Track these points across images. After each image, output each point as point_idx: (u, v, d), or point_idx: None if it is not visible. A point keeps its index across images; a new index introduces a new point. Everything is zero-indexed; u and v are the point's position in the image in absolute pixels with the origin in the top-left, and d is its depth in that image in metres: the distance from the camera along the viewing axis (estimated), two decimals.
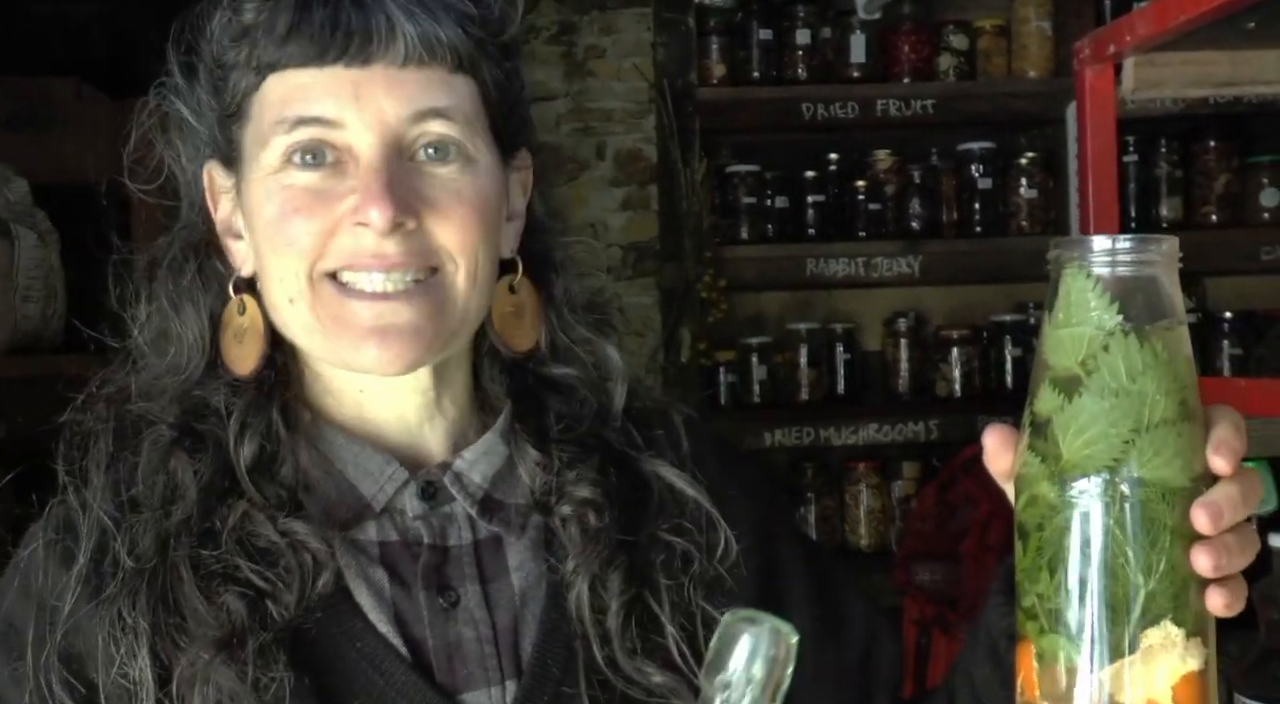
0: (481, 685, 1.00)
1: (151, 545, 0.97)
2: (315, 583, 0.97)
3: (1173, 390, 0.76)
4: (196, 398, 1.02)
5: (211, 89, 1.01)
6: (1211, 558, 0.75)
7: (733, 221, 3.70)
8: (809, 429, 3.66)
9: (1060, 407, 0.77)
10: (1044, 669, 0.77)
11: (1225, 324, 3.58)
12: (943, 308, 3.88)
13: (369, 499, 1.02)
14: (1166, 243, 0.78)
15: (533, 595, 1.02)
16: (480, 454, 1.04)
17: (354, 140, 0.96)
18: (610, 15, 3.70)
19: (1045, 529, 0.77)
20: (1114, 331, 0.76)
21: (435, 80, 0.97)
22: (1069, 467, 0.76)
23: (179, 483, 0.99)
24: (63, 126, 2.51)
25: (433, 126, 0.97)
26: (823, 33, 3.68)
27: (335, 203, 0.96)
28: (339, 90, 0.96)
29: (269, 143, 0.97)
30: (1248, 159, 3.70)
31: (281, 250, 0.98)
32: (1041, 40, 3.67)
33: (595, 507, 1.03)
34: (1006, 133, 3.82)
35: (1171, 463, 0.75)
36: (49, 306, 2.35)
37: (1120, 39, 1.74)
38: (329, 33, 0.95)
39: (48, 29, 3.23)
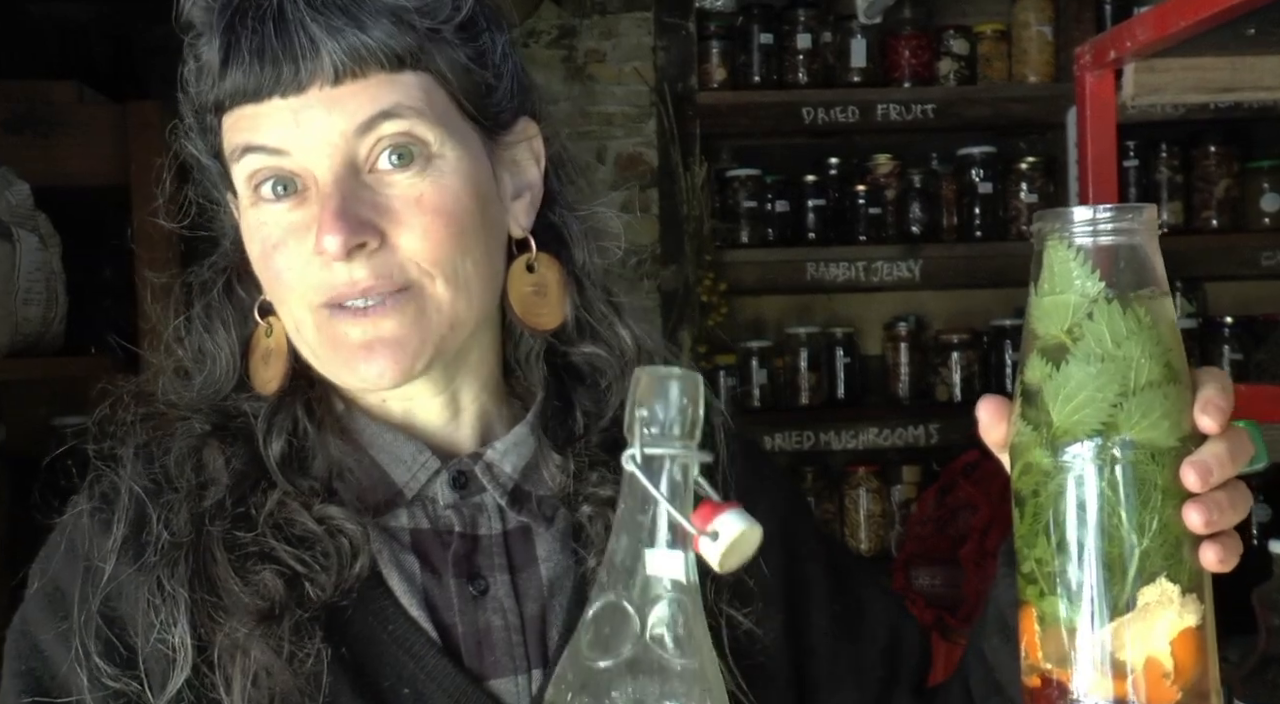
0: (509, 673, 1.01)
1: (186, 524, 0.98)
2: (352, 566, 0.98)
3: (1156, 354, 0.78)
4: (228, 406, 1.04)
5: (200, 129, 1.02)
6: (1203, 514, 0.77)
7: (733, 225, 3.70)
8: (809, 433, 3.67)
9: (1049, 374, 0.79)
10: (1045, 631, 0.79)
11: (1225, 329, 3.58)
12: (943, 312, 3.88)
13: (401, 486, 1.03)
14: (1146, 211, 0.79)
15: (560, 586, 1.04)
16: (511, 445, 1.05)
17: (308, 165, 0.95)
18: (611, 19, 3.70)
19: (1040, 495, 0.79)
20: (1097, 299, 0.78)
21: (375, 85, 0.95)
22: (1060, 432, 0.78)
23: (212, 470, 1.01)
24: (64, 129, 2.51)
25: (384, 129, 0.95)
26: (823, 37, 3.68)
27: (305, 235, 0.96)
28: (280, 120, 0.95)
29: (234, 176, 0.99)
30: (1248, 164, 3.70)
31: (273, 285, 0.99)
32: (1042, 45, 3.67)
33: (615, 503, 1.04)
34: (1007, 137, 3.82)
35: (1159, 424, 0.77)
36: (50, 310, 2.35)
37: (1121, 45, 1.74)
38: (258, 67, 0.94)
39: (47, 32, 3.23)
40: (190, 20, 0.98)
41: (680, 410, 0.75)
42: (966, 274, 3.71)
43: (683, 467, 0.75)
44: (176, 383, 1.06)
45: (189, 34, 0.98)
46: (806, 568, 1.12)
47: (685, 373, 0.75)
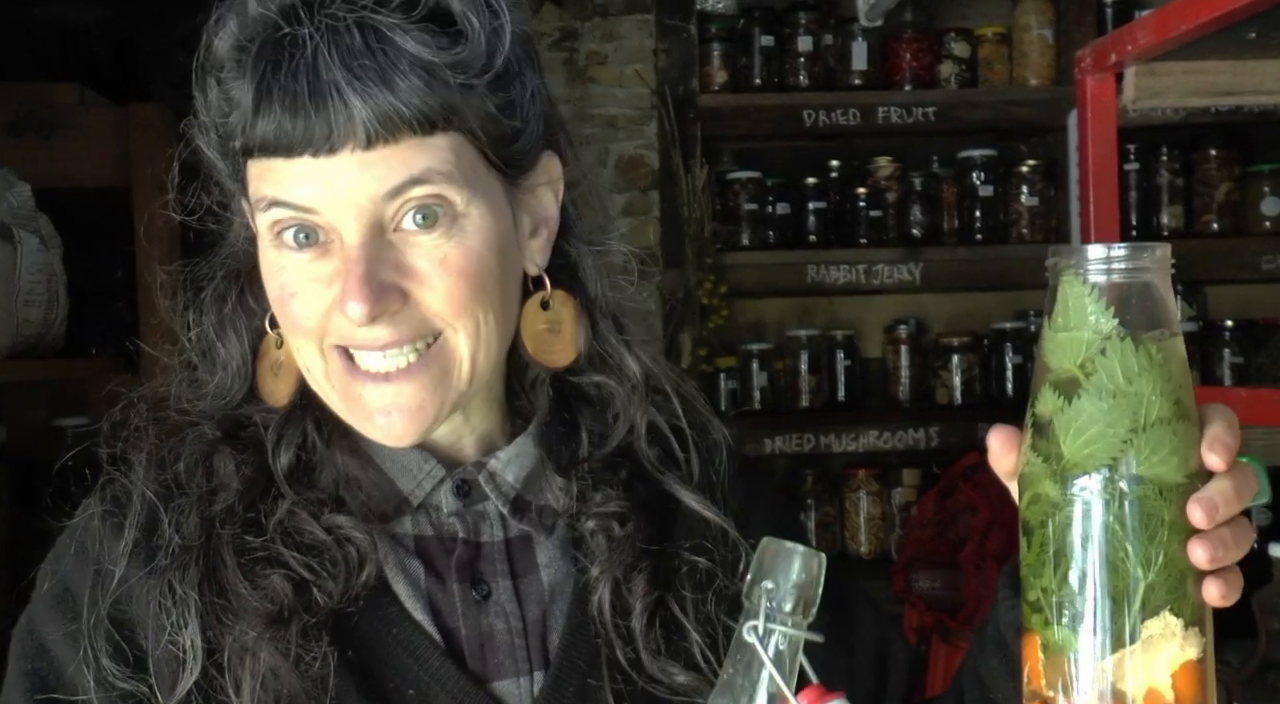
0: (511, 675, 1.03)
1: (196, 528, 0.99)
2: (359, 574, 0.99)
3: (1167, 391, 0.79)
4: (237, 415, 1.05)
5: (220, 151, 1.00)
6: (1208, 551, 0.78)
7: (734, 228, 3.70)
8: (809, 436, 3.67)
9: (1060, 408, 0.80)
10: (1049, 660, 0.81)
11: (1226, 333, 3.58)
12: (943, 315, 3.89)
13: (407, 494, 1.04)
14: (1160, 250, 0.80)
15: (560, 592, 1.05)
16: (513, 455, 1.06)
17: (335, 224, 0.94)
18: (612, 22, 3.70)
19: (1048, 526, 0.80)
20: (1110, 336, 0.79)
21: (406, 149, 0.93)
22: (1070, 465, 0.79)
23: (223, 476, 1.02)
24: (66, 131, 2.51)
25: (413, 193, 0.94)
26: (824, 40, 3.69)
27: (327, 287, 0.96)
28: (310, 179, 0.93)
29: (257, 217, 0.98)
30: (1249, 168, 3.70)
31: (289, 327, 0.99)
32: (1043, 48, 3.68)
33: (619, 518, 1.05)
34: (1007, 140, 3.83)
35: (1168, 460, 0.78)
36: (51, 311, 2.35)
37: (1122, 48, 1.75)
38: (289, 125, 0.92)
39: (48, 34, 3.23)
40: (217, 56, 0.96)
41: (800, 587, 0.77)
42: (967, 277, 3.71)
43: (793, 642, 0.78)
44: (186, 389, 1.06)
45: (215, 69, 0.96)
46: None
47: (811, 551, 0.78)
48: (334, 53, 0.91)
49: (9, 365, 2.30)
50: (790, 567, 0.77)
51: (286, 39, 0.92)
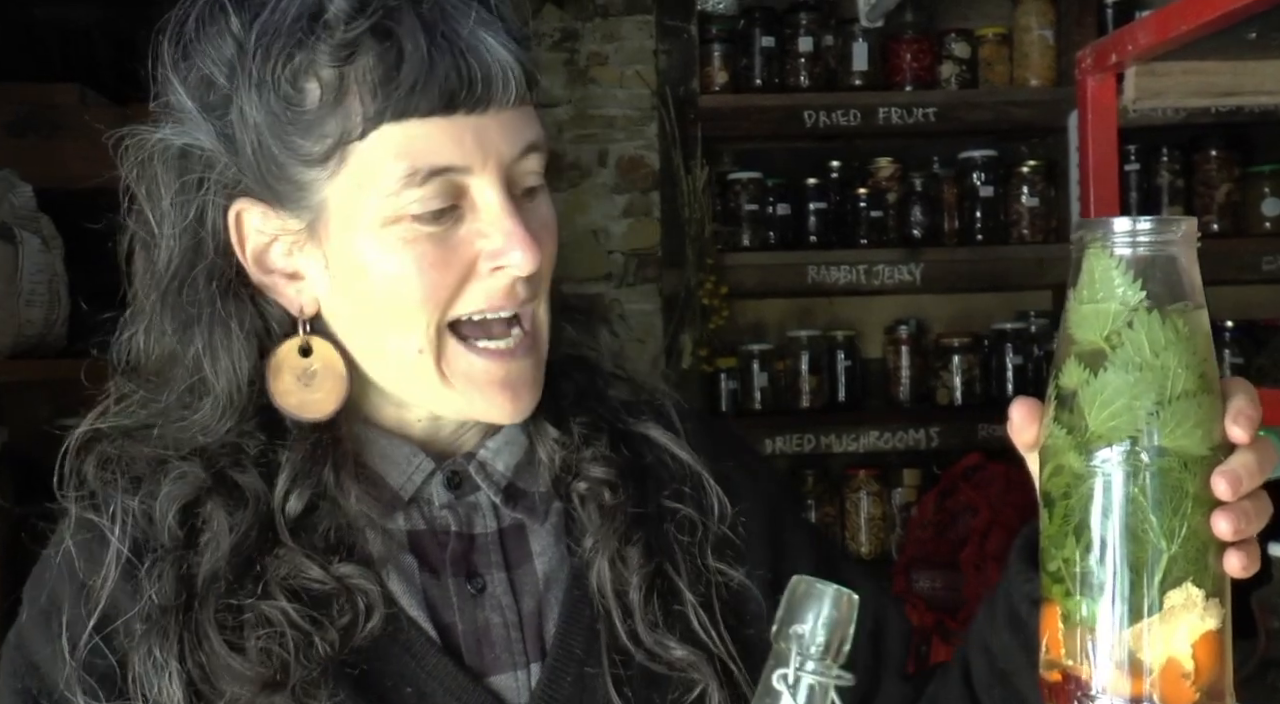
0: (508, 668, 1.03)
1: (173, 592, 0.96)
2: (366, 622, 0.98)
3: (1193, 364, 0.79)
4: (228, 444, 0.99)
5: (274, 131, 0.95)
6: (1232, 522, 0.79)
7: (734, 229, 3.70)
8: (810, 436, 3.67)
9: (1086, 380, 0.80)
10: (1069, 630, 0.81)
11: (1226, 333, 3.58)
12: (944, 315, 3.89)
13: (397, 489, 1.04)
14: (1186, 224, 0.81)
15: (555, 579, 1.05)
16: (503, 444, 1.07)
17: (474, 185, 0.96)
18: (612, 22, 3.71)
19: (1071, 497, 0.81)
20: (1138, 308, 0.79)
21: (528, 113, 0.98)
22: (1095, 437, 0.80)
23: (211, 532, 0.97)
24: (67, 132, 2.51)
25: (531, 162, 0.98)
26: (825, 40, 3.69)
27: (464, 250, 0.96)
28: (463, 138, 0.94)
29: (397, 194, 0.94)
30: (1249, 168, 3.70)
31: (412, 304, 0.96)
32: (1043, 49, 3.68)
33: (610, 485, 1.06)
34: (1008, 141, 3.83)
35: (1192, 433, 0.79)
36: (52, 311, 2.35)
37: (1122, 49, 1.75)
38: (455, 83, 0.93)
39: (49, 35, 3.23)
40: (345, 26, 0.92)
41: (830, 629, 0.76)
42: (967, 278, 3.71)
43: (823, 687, 0.76)
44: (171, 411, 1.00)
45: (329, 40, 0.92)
46: (791, 550, 1.14)
47: (841, 591, 0.77)
48: (468, 13, 0.94)
49: (10, 365, 2.30)
50: (820, 609, 0.75)
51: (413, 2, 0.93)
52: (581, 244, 3.71)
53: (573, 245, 3.73)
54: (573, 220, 3.71)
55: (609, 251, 3.72)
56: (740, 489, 1.12)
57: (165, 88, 1.01)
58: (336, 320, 1.01)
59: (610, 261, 3.72)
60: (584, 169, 3.71)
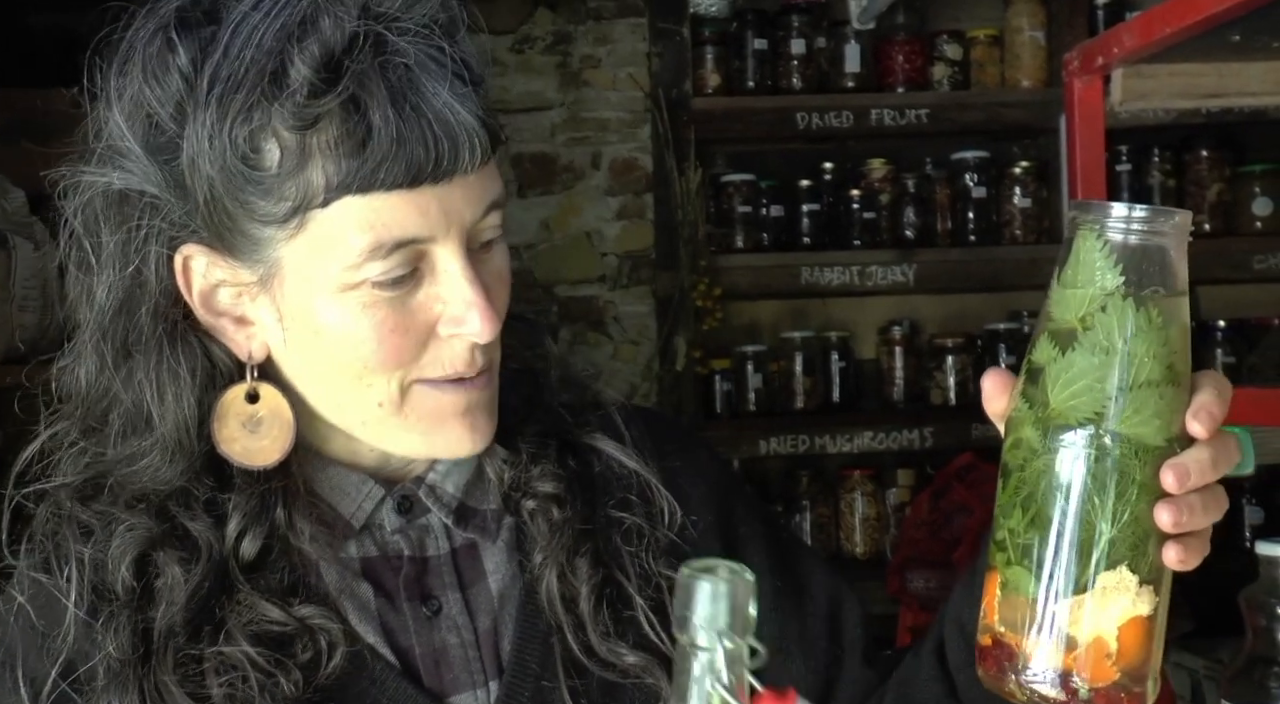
0: (467, 688, 1.03)
1: (130, 646, 0.95)
2: (329, 662, 0.97)
3: (1161, 355, 0.80)
4: (176, 490, 0.97)
5: (228, 185, 0.91)
6: (1173, 515, 0.80)
7: (727, 230, 3.71)
8: (804, 437, 3.67)
9: (1054, 358, 0.82)
10: (1005, 597, 0.83)
11: (1218, 333, 3.59)
12: (937, 316, 3.89)
13: (348, 517, 1.03)
14: (1179, 216, 0.82)
15: (509, 596, 1.06)
16: (451, 465, 1.06)
17: (437, 250, 0.94)
18: (605, 25, 3.71)
19: (1025, 469, 0.83)
20: (1113, 293, 0.81)
21: (490, 171, 0.96)
22: (1054, 415, 0.81)
23: (166, 583, 0.96)
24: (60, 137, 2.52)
25: (492, 219, 0.96)
26: (817, 42, 3.69)
27: (423, 314, 0.95)
28: (428, 209, 0.92)
29: (359, 266, 0.91)
30: (1240, 168, 3.71)
31: (371, 367, 0.95)
32: (1035, 50, 3.69)
33: (558, 500, 1.06)
34: (1000, 142, 3.83)
35: (1149, 422, 0.80)
36: (45, 317, 2.36)
37: (1108, 51, 1.76)
38: (423, 157, 0.90)
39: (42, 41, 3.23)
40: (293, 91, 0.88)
41: (732, 610, 0.75)
42: (960, 278, 3.72)
43: (737, 664, 0.75)
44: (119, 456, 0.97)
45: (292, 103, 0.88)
46: (744, 545, 1.14)
47: (734, 571, 0.75)
48: (429, 75, 0.90)
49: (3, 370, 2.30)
50: (718, 592, 0.73)
51: (381, 65, 0.89)
52: (575, 246, 3.72)
53: (566, 248, 3.74)
54: (566, 223, 3.71)
55: (602, 254, 3.73)
56: (688, 488, 1.12)
57: (105, 121, 0.96)
58: (288, 368, 0.99)
59: (604, 264, 3.73)
60: (577, 172, 3.71)
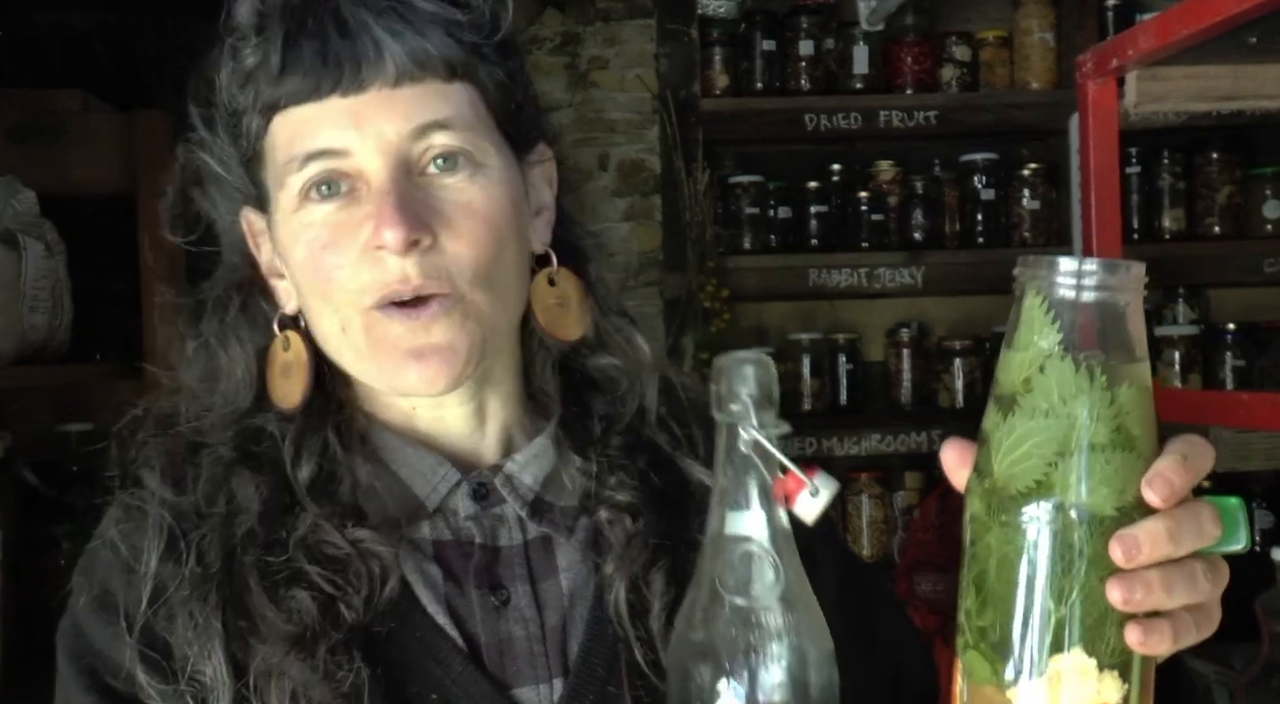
0: (531, 682, 1.02)
1: (216, 554, 0.99)
2: (383, 587, 0.99)
3: (1106, 417, 0.74)
4: (251, 426, 1.04)
5: (230, 136, 1.03)
6: (1123, 592, 0.73)
7: (735, 232, 3.70)
8: (811, 439, 3.67)
9: (998, 424, 0.77)
10: (965, 683, 0.78)
11: (1228, 336, 3.58)
12: (945, 318, 3.89)
13: (422, 499, 1.05)
14: (1133, 269, 0.76)
15: (580, 596, 1.05)
16: (531, 457, 1.07)
17: (363, 165, 0.97)
18: (613, 26, 3.71)
19: (976, 545, 0.77)
20: (1051, 353, 0.76)
21: (431, 93, 0.98)
22: (999, 484, 0.76)
23: (242, 498, 1.01)
24: (69, 138, 2.52)
25: (436, 139, 0.98)
26: (826, 44, 3.69)
27: (356, 231, 0.98)
28: (339, 120, 0.97)
29: (284, 183, 0.99)
30: (1251, 171, 3.70)
31: (321, 286, 1.00)
32: (1044, 51, 3.68)
33: (633, 510, 1.05)
34: (1009, 144, 3.83)
35: (1097, 490, 0.74)
36: (55, 317, 2.35)
37: (1123, 53, 1.75)
38: (320, 66, 0.96)
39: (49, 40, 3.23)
40: (239, 22, 0.99)
41: (762, 388, 0.81)
42: (969, 280, 3.71)
43: (769, 438, 0.81)
44: (193, 402, 1.06)
45: (233, 36, 1.00)
46: (822, 577, 1.12)
47: (760, 356, 0.81)
48: (359, 6, 0.97)
49: (14, 371, 2.30)
50: (749, 373, 0.80)
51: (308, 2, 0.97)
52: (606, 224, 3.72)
53: None
54: None
55: (610, 254, 3.72)
56: None
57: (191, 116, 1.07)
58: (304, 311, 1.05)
59: (612, 263, 3.72)
60: (585, 172, 3.71)
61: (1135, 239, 3.64)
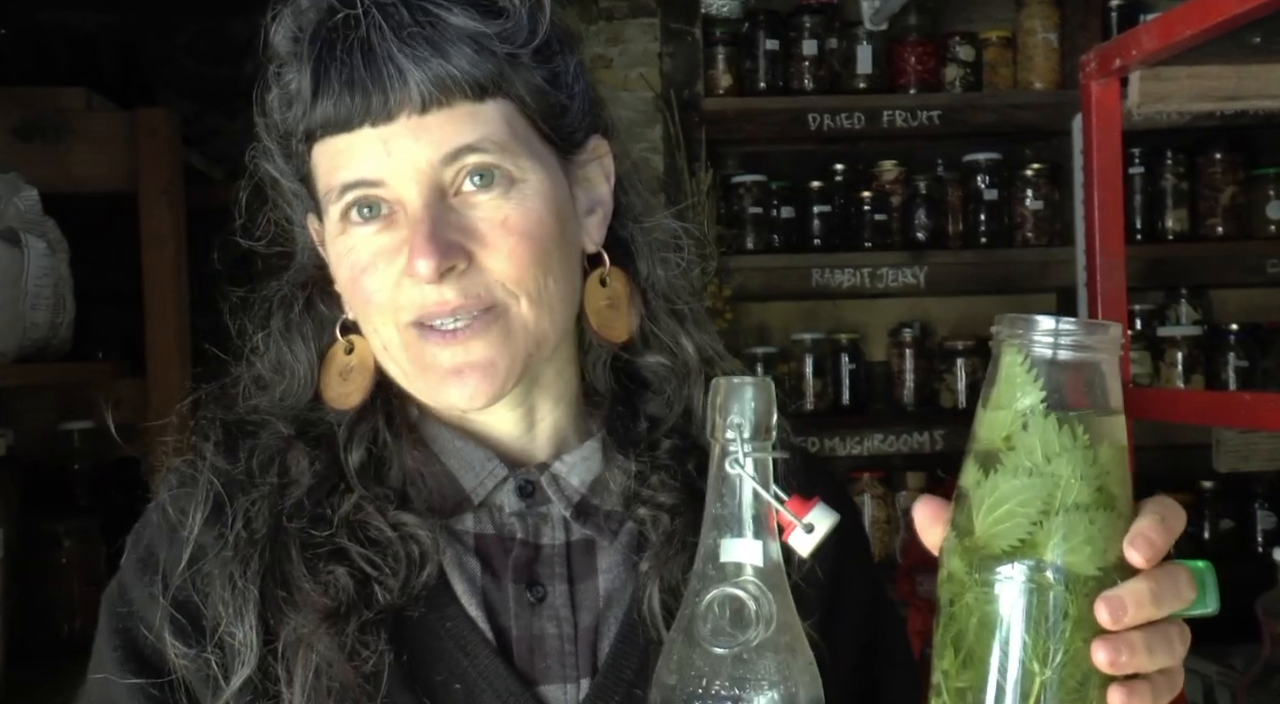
0: (558, 680, 1.03)
1: (264, 522, 1.02)
2: (420, 572, 1.01)
3: (1089, 476, 0.75)
4: (308, 416, 1.08)
5: (283, 154, 1.05)
6: (1109, 654, 0.73)
7: (738, 231, 3.70)
8: (814, 439, 3.67)
9: (978, 482, 0.76)
10: None
11: (1231, 337, 3.58)
12: (948, 318, 3.89)
13: (469, 491, 1.06)
14: (1112, 330, 0.76)
15: (617, 599, 1.05)
16: (579, 459, 1.07)
17: (399, 193, 0.98)
18: (617, 25, 3.71)
19: (954, 605, 0.77)
20: (1033, 411, 0.75)
21: (460, 116, 0.98)
22: (979, 544, 0.76)
23: (295, 472, 1.04)
24: (72, 136, 2.52)
25: (468, 161, 0.98)
26: (829, 43, 3.69)
27: (395, 257, 0.99)
28: (371, 150, 0.98)
29: (327, 210, 1.02)
30: (1254, 171, 3.70)
31: (361, 307, 1.02)
32: (1047, 52, 3.68)
33: (672, 510, 1.05)
34: (1012, 144, 3.83)
35: (1080, 550, 0.74)
36: (58, 315, 2.35)
37: (1126, 53, 1.75)
38: (349, 97, 0.97)
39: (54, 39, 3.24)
40: (276, 50, 1.01)
41: (759, 414, 0.80)
42: (972, 280, 3.71)
43: (763, 465, 0.80)
44: (256, 392, 1.09)
45: (274, 63, 1.02)
46: (846, 601, 1.11)
47: (760, 380, 0.81)
48: (385, 29, 0.97)
49: (16, 369, 2.30)
50: (745, 398, 0.80)
51: (339, 23, 0.98)
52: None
53: None
54: None
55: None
56: None
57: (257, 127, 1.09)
58: None
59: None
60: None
61: (1138, 239, 3.64)
